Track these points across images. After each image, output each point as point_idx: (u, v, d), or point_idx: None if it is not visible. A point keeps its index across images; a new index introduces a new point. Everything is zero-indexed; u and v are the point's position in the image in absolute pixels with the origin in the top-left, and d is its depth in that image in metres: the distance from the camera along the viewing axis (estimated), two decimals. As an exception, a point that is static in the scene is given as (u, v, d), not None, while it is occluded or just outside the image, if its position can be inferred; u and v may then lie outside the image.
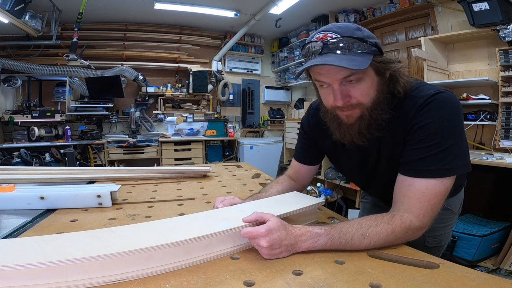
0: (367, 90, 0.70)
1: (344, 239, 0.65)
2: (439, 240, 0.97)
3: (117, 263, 0.54)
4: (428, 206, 0.67)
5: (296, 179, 1.05)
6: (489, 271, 2.12)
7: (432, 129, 0.67)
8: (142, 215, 0.95)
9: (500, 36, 2.36)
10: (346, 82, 0.69)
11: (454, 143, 0.67)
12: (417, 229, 0.68)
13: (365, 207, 1.25)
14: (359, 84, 0.69)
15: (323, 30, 0.71)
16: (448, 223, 1.00)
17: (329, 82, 0.70)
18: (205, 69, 4.72)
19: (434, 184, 0.67)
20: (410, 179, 0.69)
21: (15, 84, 3.80)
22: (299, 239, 0.64)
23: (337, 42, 0.66)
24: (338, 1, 3.74)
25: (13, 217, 0.91)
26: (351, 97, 0.70)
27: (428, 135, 0.67)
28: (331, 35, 0.68)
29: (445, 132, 0.66)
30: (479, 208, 2.58)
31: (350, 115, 0.73)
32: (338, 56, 0.65)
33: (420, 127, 0.68)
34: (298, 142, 1.05)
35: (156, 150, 4.25)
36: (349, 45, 0.66)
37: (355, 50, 0.66)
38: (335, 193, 3.32)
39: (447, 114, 0.67)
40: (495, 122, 2.49)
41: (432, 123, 0.67)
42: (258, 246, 0.62)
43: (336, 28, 0.69)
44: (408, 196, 0.69)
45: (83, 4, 3.24)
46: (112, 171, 1.56)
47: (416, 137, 0.69)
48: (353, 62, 0.64)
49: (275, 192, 0.97)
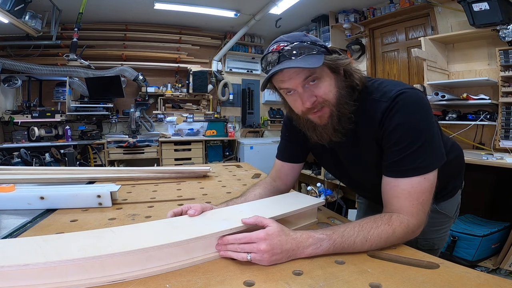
0: (329, 88, 0.74)
1: (346, 243, 0.64)
2: (431, 243, 0.97)
3: (117, 263, 0.54)
4: (418, 203, 0.69)
5: (279, 179, 1.03)
6: (489, 271, 2.12)
7: (403, 131, 0.69)
8: (142, 215, 0.95)
9: (500, 36, 2.36)
10: (308, 84, 0.72)
11: (427, 139, 0.69)
12: (416, 227, 0.69)
13: (360, 208, 1.25)
14: (320, 83, 0.73)
15: (275, 42, 0.76)
16: (441, 227, 0.99)
17: (293, 87, 0.74)
18: (205, 69, 4.72)
19: (418, 181, 0.69)
20: (394, 180, 0.71)
21: (15, 84, 3.80)
22: (301, 244, 0.63)
23: (290, 49, 0.71)
24: (338, 1, 3.74)
25: (13, 217, 0.91)
26: (317, 97, 0.73)
27: (400, 137, 0.70)
28: (284, 44, 0.72)
29: (414, 133, 0.69)
30: (479, 208, 2.58)
31: (322, 115, 0.76)
32: (294, 61, 0.70)
33: (391, 131, 0.70)
34: (281, 141, 1.04)
35: (156, 150, 4.25)
36: (302, 50, 0.71)
37: (307, 53, 0.71)
38: (335, 193, 3.32)
39: (414, 113, 0.70)
40: (495, 122, 2.49)
41: (401, 124, 0.69)
42: (258, 252, 0.59)
43: (286, 37, 0.75)
44: (396, 197, 0.71)
45: (83, 4, 3.24)
46: (112, 171, 1.56)
47: (390, 141, 0.71)
48: (308, 62, 0.69)
49: (253, 196, 0.93)
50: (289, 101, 0.79)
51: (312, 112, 0.75)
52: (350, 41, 3.98)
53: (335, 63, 0.74)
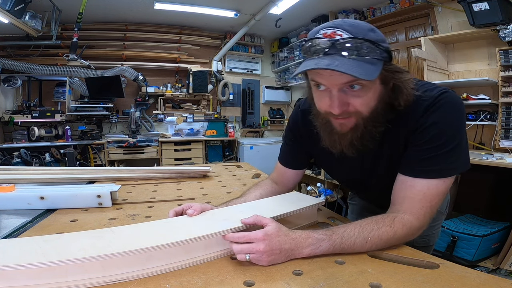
0: (368, 100, 0.64)
1: (346, 244, 0.64)
2: (427, 240, 0.97)
3: (117, 263, 0.54)
4: (429, 207, 0.67)
5: (280, 183, 1.00)
6: (489, 271, 2.12)
7: (438, 130, 0.65)
8: (142, 215, 0.95)
9: (500, 36, 2.36)
10: (347, 88, 0.62)
11: (458, 143, 0.66)
12: (417, 229, 0.68)
13: (354, 209, 1.21)
14: (361, 92, 0.62)
15: (331, 26, 0.61)
16: (436, 223, 1.00)
17: (328, 86, 0.63)
18: (205, 69, 4.72)
19: (436, 184, 0.66)
20: (411, 180, 0.68)
21: (15, 84, 3.80)
22: (300, 244, 0.62)
23: (348, 44, 0.58)
24: (338, 1, 3.74)
25: (13, 217, 0.91)
26: (349, 105, 0.64)
27: (434, 136, 0.65)
28: (340, 34, 0.59)
29: (450, 133, 0.65)
30: (479, 208, 2.58)
31: (344, 123, 0.67)
32: (346, 60, 0.58)
33: (426, 128, 0.66)
34: (284, 144, 0.99)
35: (156, 150, 4.25)
36: (360, 48, 0.58)
37: (365, 55, 0.59)
38: (335, 193, 3.32)
39: (453, 115, 0.66)
40: (495, 122, 2.49)
41: (439, 123, 0.65)
42: (257, 253, 0.59)
43: (347, 25, 0.60)
44: (409, 197, 0.68)
45: (83, 4, 3.23)
46: (112, 171, 1.56)
47: (423, 138, 0.66)
48: (363, 69, 0.57)
49: (253, 197, 0.91)
50: (315, 94, 0.69)
51: (336, 116, 0.66)
52: (350, 41, 3.98)
53: (390, 76, 0.64)
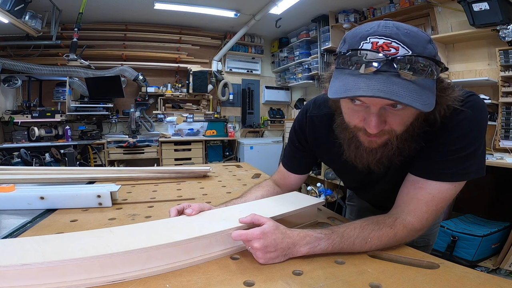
0: (406, 118, 0.58)
1: (345, 244, 0.63)
2: (427, 239, 0.97)
3: (117, 263, 0.54)
4: (434, 210, 0.65)
5: (283, 186, 0.99)
6: (489, 271, 2.12)
7: (460, 133, 0.61)
8: (142, 215, 0.95)
9: (500, 36, 2.36)
10: (389, 107, 0.56)
11: (477, 149, 0.62)
12: (417, 231, 0.67)
13: (353, 210, 1.20)
14: (402, 112, 0.56)
15: (383, 34, 0.51)
16: (436, 222, 1.01)
17: (369, 104, 0.56)
18: (205, 69, 4.72)
19: (447, 188, 0.64)
20: (422, 181, 0.65)
21: (15, 84, 3.80)
22: (297, 243, 0.62)
23: (406, 62, 0.49)
24: (338, 1, 3.74)
25: (13, 217, 0.91)
26: (386, 124, 0.58)
27: (454, 139, 0.62)
28: (397, 46, 0.50)
29: (471, 137, 0.62)
30: (479, 208, 2.58)
31: (375, 140, 0.62)
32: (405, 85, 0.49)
33: (448, 129, 0.62)
34: (288, 148, 0.95)
35: (156, 150, 4.25)
36: (419, 69, 0.50)
37: (424, 76, 0.51)
38: (335, 193, 3.32)
39: (476, 119, 0.62)
40: (495, 122, 2.49)
41: (460, 126, 0.61)
42: (253, 249, 0.60)
43: (403, 35, 0.51)
44: (416, 198, 0.66)
45: (83, 4, 3.24)
46: (112, 171, 1.55)
47: (441, 139, 0.63)
48: (423, 97, 0.50)
49: (254, 197, 0.91)
50: (347, 106, 0.62)
51: (369, 134, 0.60)
52: (350, 41, 3.98)
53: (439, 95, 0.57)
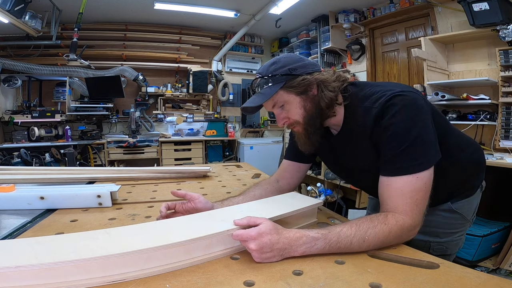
0: (295, 110, 0.82)
1: (342, 243, 0.64)
2: (445, 248, 0.92)
3: (117, 264, 0.54)
4: (412, 202, 0.69)
5: (283, 179, 1.04)
6: (489, 271, 2.12)
7: (392, 131, 0.71)
8: (142, 215, 0.95)
9: (500, 36, 2.36)
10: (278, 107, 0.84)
11: (417, 138, 0.70)
12: (411, 226, 0.69)
13: (370, 203, 1.23)
14: (288, 106, 0.82)
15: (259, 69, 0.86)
16: (456, 230, 0.93)
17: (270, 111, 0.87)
18: (205, 69, 4.72)
19: (410, 180, 0.69)
20: (387, 179, 0.73)
21: (15, 84, 3.80)
22: (293, 243, 0.63)
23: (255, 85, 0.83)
24: (338, 1, 3.74)
25: (13, 217, 0.91)
26: (289, 118, 0.84)
27: (389, 137, 0.72)
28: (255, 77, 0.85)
29: (404, 131, 0.70)
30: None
31: (296, 130, 0.87)
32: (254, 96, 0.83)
33: (382, 131, 0.73)
34: (289, 142, 1.05)
35: (156, 150, 4.25)
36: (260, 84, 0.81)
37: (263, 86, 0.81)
38: (335, 193, 3.32)
39: (403, 113, 0.71)
40: (495, 122, 2.49)
41: (391, 125, 0.72)
42: (249, 250, 0.62)
43: (262, 68, 0.84)
44: (390, 195, 0.72)
45: (83, 4, 3.23)
46: (112, 171, 1.56)
47: (381, 141, 0.74)
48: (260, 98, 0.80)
49: (252, 196, 0.94)
50: None
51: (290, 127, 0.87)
52: (350, 41, 3.98)
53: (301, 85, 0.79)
